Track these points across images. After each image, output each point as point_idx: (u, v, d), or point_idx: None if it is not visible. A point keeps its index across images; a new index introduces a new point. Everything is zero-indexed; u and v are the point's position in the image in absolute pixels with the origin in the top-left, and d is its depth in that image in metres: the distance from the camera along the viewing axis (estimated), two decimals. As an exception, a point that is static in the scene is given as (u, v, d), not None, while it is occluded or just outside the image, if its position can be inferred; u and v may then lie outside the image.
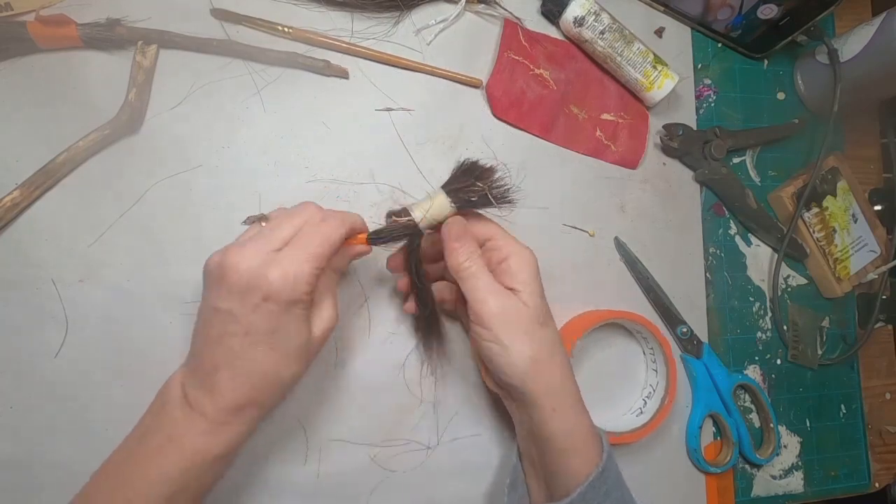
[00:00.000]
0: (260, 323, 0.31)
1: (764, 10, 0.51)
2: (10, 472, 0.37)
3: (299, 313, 0.32)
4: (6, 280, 0.38)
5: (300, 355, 0.33)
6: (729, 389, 0.50)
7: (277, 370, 0.32)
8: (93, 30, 0.39)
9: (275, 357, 0.32)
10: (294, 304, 0.31)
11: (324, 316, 0.35)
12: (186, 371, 0.33)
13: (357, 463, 0.42)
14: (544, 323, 0.36)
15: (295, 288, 0.31)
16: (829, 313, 0.56)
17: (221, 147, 0.42)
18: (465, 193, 0.37)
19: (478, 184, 0.37)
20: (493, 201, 0.37)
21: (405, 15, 0.47)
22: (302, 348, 0.33)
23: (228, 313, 0.31)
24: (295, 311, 0.32)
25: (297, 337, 0.32)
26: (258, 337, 0.31)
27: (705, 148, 0.52)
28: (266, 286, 0.30)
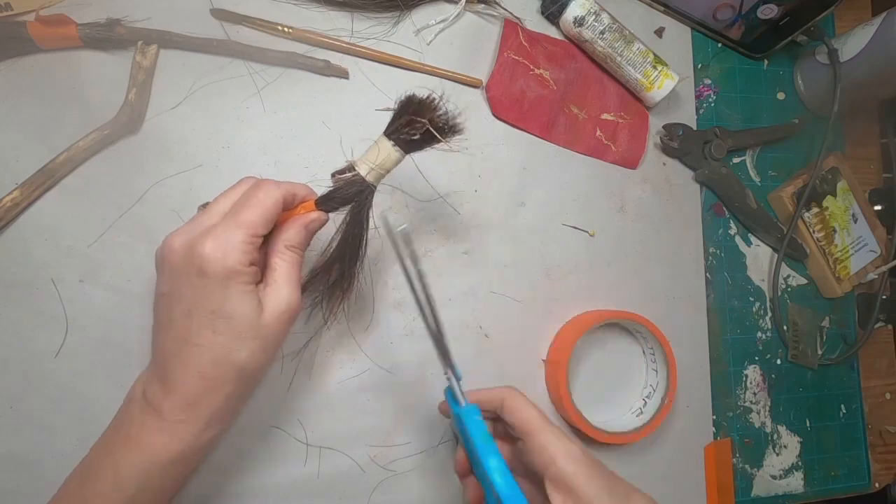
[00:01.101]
0: (200, 301, 0.29)
1: (764, 10, 0.51)
2: (10, 471, 0.37)
3: (240, 287, 0.29)
4: (6, 280, 0.38)
5: (251, 336, 0.30)
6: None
7: (227, 353, 0.29)
8: (93, 30, 0.39)
9: (221, 340, 0.29)
10: (230, 275, 0.29)
11: (280, 294, 0.31)
12: (149, 366, 0.33)
13: (357, 463, 0.42)
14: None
15: (227, 256, 0.29)
16: (829, 313, 0.56)
17: (221, 147, 0.42)
18: (406, 134, 0.33)
19: (418, 119, 0.33)
20: (437, 135, 0.33)
21: (405, 15, 0.47)
22: (251, 328, 0.30)
23: (170, 296, 0.30)
24: (234, 286, 0.29)
25: (242, 315, 0.29)
26: (201, 318, 0.29)
27: (705, 148, 0.52)
28: (199, 260, 0.29)
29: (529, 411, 0.34)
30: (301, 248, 0.33)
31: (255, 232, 0.30)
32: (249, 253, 0.30)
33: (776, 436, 0.53)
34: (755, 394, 0.53)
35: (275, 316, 0.31)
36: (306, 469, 0.41)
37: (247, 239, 0.29)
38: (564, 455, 0.31)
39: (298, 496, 0.41)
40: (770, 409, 0.53)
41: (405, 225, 0.33)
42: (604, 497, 0.30)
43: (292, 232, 0.32)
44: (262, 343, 0.30)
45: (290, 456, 0.41)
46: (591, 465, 0.32)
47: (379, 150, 0.34)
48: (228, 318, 0.29)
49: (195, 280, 0.29)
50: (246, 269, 0.30)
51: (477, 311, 0.46)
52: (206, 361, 0.30)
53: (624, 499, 0.31)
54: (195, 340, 0.30)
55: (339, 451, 0.42)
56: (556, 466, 0.31)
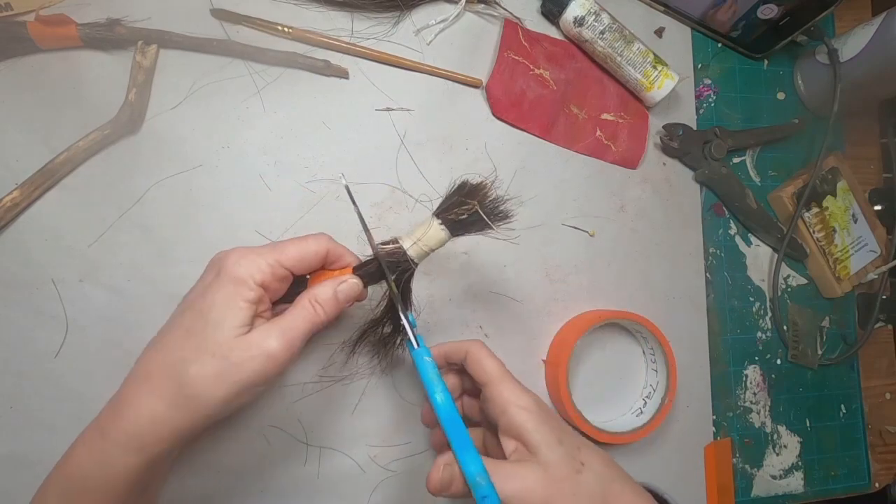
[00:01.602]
0: (199, 297, 0.29)
1: (764, 10, 0.51)
2: (11, 471, 0.37)
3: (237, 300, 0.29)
4: (6, 280, 0.38)
5: (211, 352, 0.28)
6: None
7: (180, 359, 0.28)
8: (93, 30, 0.39)
9: (185, 345, 0.28)
10: (236, 282, 0.29)
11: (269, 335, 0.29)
12: None
13: (357, 463, 0.42)
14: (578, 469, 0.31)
15: (241, 265, 0.29)
16: (829, 313, 0.56)
17: (221, 147, 0.42)
18: (454, 214, 0.33)
19: (468, 201, 0.33)
20: (485, 218, 0.33)
21: (405, 15, 0.47)
22: (218, 343, 0.28)
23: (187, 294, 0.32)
24: (233, 294, 0.29)
25: (218, 323, 0.28)
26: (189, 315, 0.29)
27: (705, 148, 0.52)
28: (223, 262, 0.30)
29: (490, 362, 0.34)
30: (324, 306, 0.31)
31: (283, 262, 0.30)
32: (265, 274, 0.30)
33: (776, 436, 0.53)
34: (755, 394, 0.53)
35: (249, 347, 0.28)
36: (306, 469, 0.41)
37: (271, 262, 0.30)
38: (516, 404, 0.32)
39: (298, 496, 0.41)
40: (770, 409, 0.53)
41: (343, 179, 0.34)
42: (552, 444, 0.31)
43: (321, 288, 0.31)
44: (218, 366, 0.28)
45: (290, 456, 0.41)
46: (541, 415, 0.32)
47: (426, 227, 0.34)
48: (206, 323, 0.28)
49: (209, 278, 0.30)
50: (252, 285, 0.29)
51: (477, 311, 0.46)
52: (158, 360, 0.29)
53: (574, 449, 0.32)
54: (168, 336, 0.29)
55: (339, 451, 0.42)
56: (507, 415, 0.32)
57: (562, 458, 0.31)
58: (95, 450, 0.28)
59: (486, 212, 0.33)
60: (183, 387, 0.27)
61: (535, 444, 0.31)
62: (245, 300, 0.29)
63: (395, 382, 0.43)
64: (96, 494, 0.28)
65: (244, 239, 0.42)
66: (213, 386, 0.28)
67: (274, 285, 0.31)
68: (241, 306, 0.29)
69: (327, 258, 0.33)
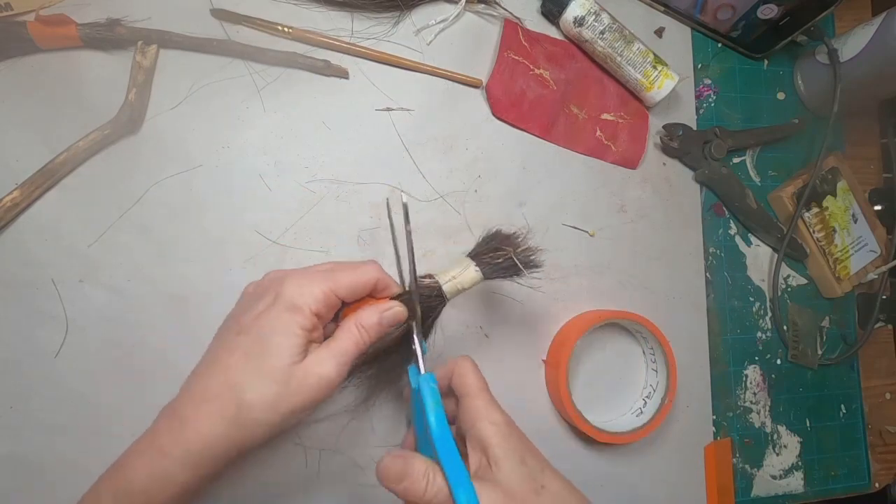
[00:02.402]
0: (255, 322, 0.30)
1: (764, 10, 0.51)
2: (10, 471, 0.37)
3: (294, 328, 0.30)
4: (6, 280, 0.38)
5: (271, 378, 0.29)
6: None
7: (239, 383, 0.29)
8: (93, 30, 0.39)
9: (244, 368, 0.29)
10: (293, 310, 0.30)
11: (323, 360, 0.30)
12: None
13: (357, 463, 0.42)
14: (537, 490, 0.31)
15: (301, 294, 0.30)
16: (829, 313, 0.56)
17: (221, 147, 0.42)
18: (489, 258, 0.37)
19: (503, 248, 0.37)
20: (519, 265, 0.36)
21: (405, 15, 0.47)
22: (277, 369, 0.29)
23: (237, 315, 0.32)
24: (291, 322, 0.30)
25: (278, 351, 0.29)
26: (245, 339, 0.30)
27: (705, 148, 0.52)
28: (279, 288, 0.31)
29: (472, 377, 0.35)
30: (369, 331, 0.32)
31: (337, 291, 0.31)
32: (321, 303, 0.31)
33: (776, 436, 0.53)
34: (755, 394, 0.53)
35: (306, 374, 0.30)
36: (306, 469, 0.41)
37: (327, 291, 0.31)
38: (487, 418, 0.33)
39: (298, 496, 0.41)
40: (770, 409, 0.53)
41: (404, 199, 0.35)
42: (514, 462, 0.31)
43: (366, 313, 0.33)
44: (277, 391, 0.29)
45: (290, 456, 0.41)
46: (509, 432, 0.32)
47: (463, 268, 0.37)
48: (265, 349, 0.30)
49: (266, 303, 0.31)
50: (307, 314, 0.30)
51: (477, 311, 0.46)
52: (218, 382, 0.30)
53: (537, 471, 0.32)
54: (225, 359, 0.30)
55: (339, 451, 0.42)
56: (476, 428, 0.32)
57: (522, 477, 0.31)
58: (153, 464, 0.29)
59: (520, 260, 0.36)
60: (242, 409, 0.29)
61: (496, 459, 0.31)
62: (301, 328, 0.30)
63: (395, 383, 0.43)
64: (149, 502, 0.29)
65: (244, 239, 0.42)
66: (271, 410, 0.29)
67: (325, 314, 0.32)
68: (298, 333, 0.30)
69: (377, 289, 0.34)
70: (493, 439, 0.32)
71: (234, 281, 0.40)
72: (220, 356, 0.31)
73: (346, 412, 0.42)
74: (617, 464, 0.47)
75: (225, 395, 0.29)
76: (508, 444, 0.32)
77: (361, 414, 0.42)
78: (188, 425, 0.29)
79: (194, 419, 0.29)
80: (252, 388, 0.29)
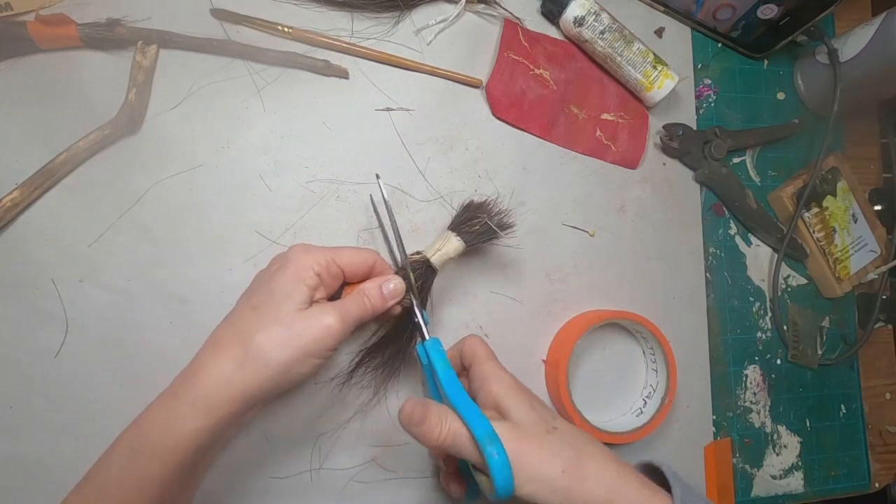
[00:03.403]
0: (265, 284, 0.34)
1: (764, 10, 0.51)
2: (10, 471, 0.37)
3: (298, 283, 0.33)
4: (6, 280, 0.38)
5: (276, 321, 0.32)
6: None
7: (247, 327, 0.32)
8: (93, 30, 0.39)
9: (252, 316, 0.32)
10: (298, 270, 0.33)
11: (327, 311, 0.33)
12: None
13: (358, 463, 0.42)
14: (550, 430, 0.33)
15: (305, 258, 0.33)
16: (829, 313, 0.56)
17: (221, 147, 0.42)
18: (468, 227, 0.41)
19: (478, 215, 0.41)
20: (494, 228, 0.41)
21: (405, 15, 0.47)
22: (283, 314, 0.32)
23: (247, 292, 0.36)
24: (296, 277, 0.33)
25: (282, 298, 0.32)
26: (255, 298, 0.33)
27: (705, 148, 0.52)
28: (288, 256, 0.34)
29: (481, 348, 0.39)
30: (372, 299, 0.36)
31: (337, 259, 0.35)
32: (322, 267, 0.34)
33: (776, 436, 0.53)
34: (755, 394, 0.53)
35: (309, 319, 0.32)
36: (306, 469, 0.41)
37: (329, 257, 0.34)
38: (495, 378, 0.36)
39: (298, 496, 0.41)
40: (770, 409, 0.53)
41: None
42: (524, 409, 0.34)
43: (369, 285, 0.36)
44: (282, 333, 0.31)
45: (290, 456, 0.41)
46: (516, 387, 0.36)
47: (445, 240, 0.41)
48: (272, 300, 0.32)
49: (273, 270, 0.34)
50: (311, 274, 0.33)
51: (477, 311, 0.46)
52: (230, 332, 0.32)
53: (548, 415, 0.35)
54: (238, 313, 0.33)
55: (339, 452, 0.42)
56: (485, 388, 0.36)
57: (533, 420, 0.34)
58: (166, 411, 0.31)
59: (493, 223, 0.41)
60: (249, 350, 0.31)
61: (507, 409, 0.34)
62: (305, 284, 0.33)
63: (395, 383, 0.43)
64: (163, 454, 0.30)
65: (244, 239, 0.42)
66: (276, 349, 0.31)
67: (327, 280, 0.34)
68: (303, 288, 0.33)
69: (373, 270, 0.37)
70: (503, 392, 0.35)
71: (234, 281, 0.40)
72: (232, 313, 0.34)
73: (344, 407, 0.42)
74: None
75: (235, 341, 0.31)
76: (518, 396, 0.35)
77: (362, 413, 0.43)
78: (199, 371, 0.31)
79: (205, 365, 0.31)
80: (259, 331, 0.31)
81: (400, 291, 0.37)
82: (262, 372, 0.31)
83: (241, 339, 0.31)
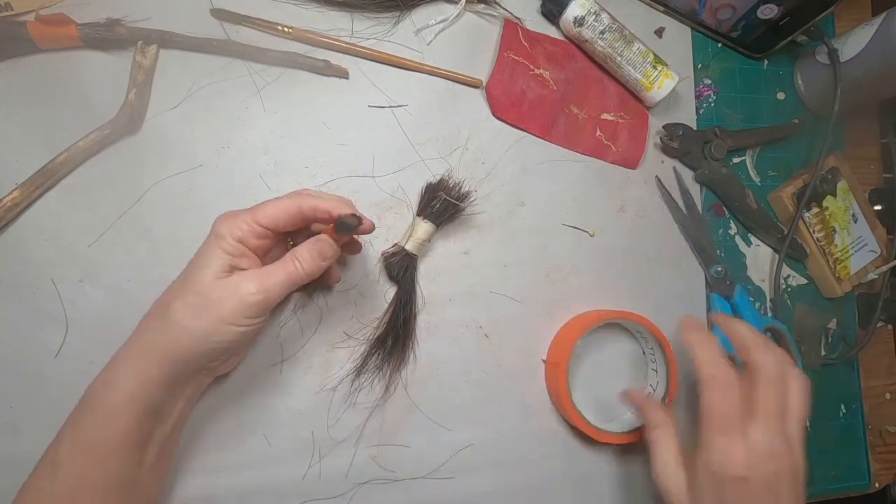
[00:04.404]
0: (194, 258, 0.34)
1: (764, 10, 0.51)
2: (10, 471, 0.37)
3: (217, 250, 0.33)
4: (6, 280, 0.38)
5: (192, 291, 0.32)
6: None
7: (170, 296, 0.33)
8: (93, 30, 0.39)
9: (177, 285, 0.33)
10: (217, 237, 0.33)
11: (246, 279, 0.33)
12: None
13: (357, 463, 0.42)
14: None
15: (222, 225, 0.33)
16: (829, 313, 0.56)
17: (221, 147, 0.42)
18: (431, 208, 0.42)
19: (435, 195, 0.42)
20: (453, 201, 0.42)
21: (405, 15, 0.47)
22: (198, 283, 0.32)
23: None
24: (214, 246, 0.33)
25: (200, 269, 0.33)
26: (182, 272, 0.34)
27: (705, 148, 0.52)
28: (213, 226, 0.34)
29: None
30: (302, 262, 0.34)
31: (258, 219, 0.34)
32: (243, 231, 0.33)
33: (776, 436, 0.53)
34: (755, 394, 0.53)
35: (227, 288, 0.32)
36: (307, 469, 0.41)
37: (249, 220, 0.33)
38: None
39: (298, 496, 0.41)
40: (770, 409, 0.53)
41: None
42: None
43: (300, 247, 0.35)
44: (198, 301, 0.32)
45: (291, 456, 0.41)
46: None
47: (414, 226, 0.43)
48: (192, 269, 0.33)
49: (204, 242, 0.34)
50: (229, 240, 0.33)
51: (477, 311, 0.46)
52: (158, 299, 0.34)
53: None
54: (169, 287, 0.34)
55: (339, 452, 0.42)
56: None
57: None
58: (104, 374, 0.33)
59: (453, 197, 0.43)
60: (166, 317, 0.32)
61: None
62: (223, 251, 0.33)
63: (395, 382, 0.43)
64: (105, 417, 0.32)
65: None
66: (192, 317, 0.32)
67: (253, 242, 0.34)
68: (220, 255, 0.33)
69: (305, 214, 0.35)
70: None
71: (234, 281, 0.40)
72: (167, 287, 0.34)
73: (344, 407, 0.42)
74: (617, 464, 0.47)
75: (158, 311, 0.33)
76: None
77: (362, 413, 0.43)
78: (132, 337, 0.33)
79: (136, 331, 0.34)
80: (177, 300, 0.32)
81: (330, 250, 0.35)
82: (183, 338, 0.32)
83: (162, 309, 0.33)
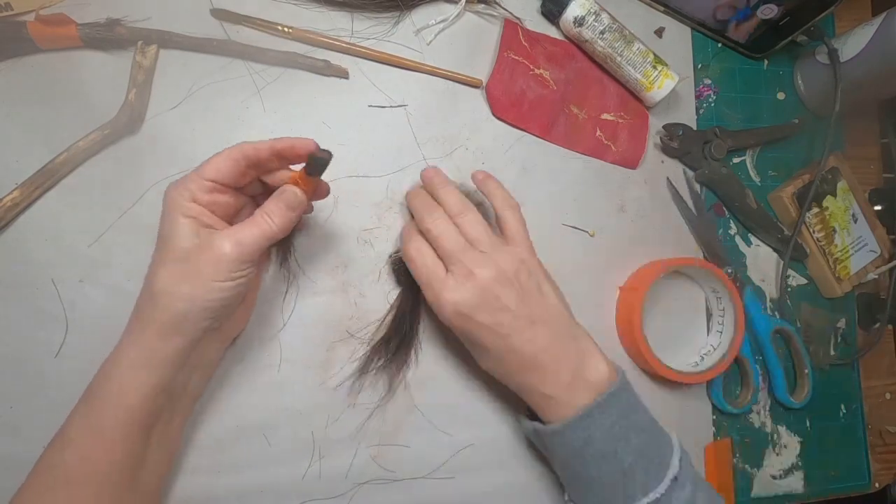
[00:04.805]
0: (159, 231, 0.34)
1: (764, 10, 0.51)
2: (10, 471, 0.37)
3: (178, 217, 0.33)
4: (6, 280, 0.38)
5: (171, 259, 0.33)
6: (766, 333, 0.52)
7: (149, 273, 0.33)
8: (93, 30, 0.39)
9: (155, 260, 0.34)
10: (173, 206, 0.33)
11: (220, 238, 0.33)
12: None
13: (357, 463, 0.42)
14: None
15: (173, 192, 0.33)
16: (837, 313, 0.56)
17: (221, 147, 0.42)
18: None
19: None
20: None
21: (405, 15, 0.47)
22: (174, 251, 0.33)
23: None
24: (175, 214, 0.33)
25: (170, 238, 0.33)
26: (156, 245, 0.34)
27: (705, 148, 0.52)
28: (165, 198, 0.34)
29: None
30: (272, 217, 0.34)
31: (206, 177, 0.33)
32: (192, 191, 0.33)
33: (776, 436, 0.53)
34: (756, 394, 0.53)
35: (202, 251, 0.32)
36: (306, 469, 0.41)
37: (193, 179, 0.33)
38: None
39: (298, 496, 0.41)
40: (770, 409, 0.53)
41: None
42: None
43: (270, 201, 0.35)
44: (177, 268, 0.32)
45: (290, 456, 0.41)
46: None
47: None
48: (163, 242, 0.33)
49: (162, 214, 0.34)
50: (186, 204, 0.33)
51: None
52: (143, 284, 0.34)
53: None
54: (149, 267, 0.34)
55: (339, 451, 0.42)
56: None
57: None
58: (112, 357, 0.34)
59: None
60: (153, 287, 0.32)
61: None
62: (183, 214, 0.33)
63: (397, 383, 0.43)
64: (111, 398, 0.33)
65: (244, 239, 0.42)
66: (177, 282, 0.32)
67: (205, 198, 0.34)
68: (181, 220, 0.33)
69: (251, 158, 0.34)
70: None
71: (234, 281, 0.40)
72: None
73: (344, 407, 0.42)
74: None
75: (145, 289, 0.33)
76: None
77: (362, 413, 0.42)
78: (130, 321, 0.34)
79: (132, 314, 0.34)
80: (159, 270, 0.33)
81: (296, 199, 0.35)
82: (174, 304, 0.32)
83: (148, 285, 0.33)
